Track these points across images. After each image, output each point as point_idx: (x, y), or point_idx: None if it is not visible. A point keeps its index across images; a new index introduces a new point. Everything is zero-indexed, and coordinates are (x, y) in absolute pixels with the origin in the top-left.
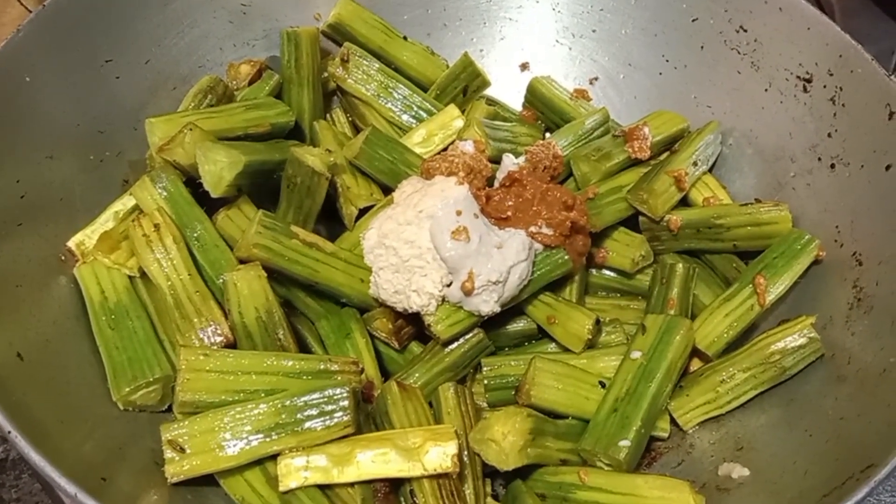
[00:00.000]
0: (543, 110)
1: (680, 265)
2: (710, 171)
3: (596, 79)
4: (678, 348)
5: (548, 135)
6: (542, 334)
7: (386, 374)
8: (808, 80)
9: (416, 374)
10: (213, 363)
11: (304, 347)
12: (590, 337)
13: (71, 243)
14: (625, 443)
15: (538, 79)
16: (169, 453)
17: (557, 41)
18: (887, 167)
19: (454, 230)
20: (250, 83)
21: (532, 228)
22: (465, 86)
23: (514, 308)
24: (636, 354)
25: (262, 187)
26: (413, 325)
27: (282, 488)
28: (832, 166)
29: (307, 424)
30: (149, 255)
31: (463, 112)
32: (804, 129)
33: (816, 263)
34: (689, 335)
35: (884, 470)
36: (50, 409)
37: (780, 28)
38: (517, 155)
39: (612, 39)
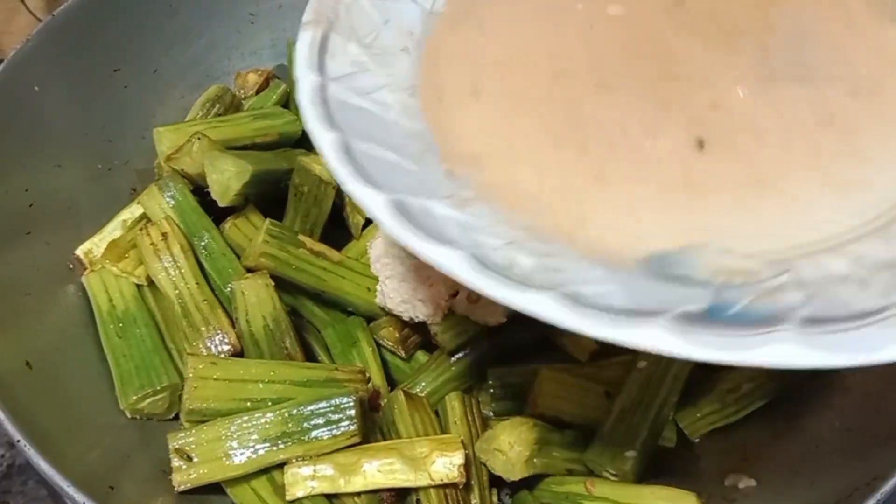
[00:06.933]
0: None
1: None
2: None
3: None
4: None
5: None
6: (548, 344)
7: (392, 383)
8: None
9: (423, 383)
10: (220, 371)
11: (310, 356)
12: (596, 347)
13: (79, 252)
14: (631, 453)
15: None
16: (176, 462)
17: None
18: None
19: None
20: (258, 92)
21: None
22: None
23: (520, 318)
24: (643, 364)
25: (269, 196)
26: (420, 334)
27: (289, 497)
28: None
29: (314, 433)
30: (157, 263)
31: None
32: None
33: None
34: None
35: (890, 482)
36: (58, 417)
37: None
38: None
39: None
